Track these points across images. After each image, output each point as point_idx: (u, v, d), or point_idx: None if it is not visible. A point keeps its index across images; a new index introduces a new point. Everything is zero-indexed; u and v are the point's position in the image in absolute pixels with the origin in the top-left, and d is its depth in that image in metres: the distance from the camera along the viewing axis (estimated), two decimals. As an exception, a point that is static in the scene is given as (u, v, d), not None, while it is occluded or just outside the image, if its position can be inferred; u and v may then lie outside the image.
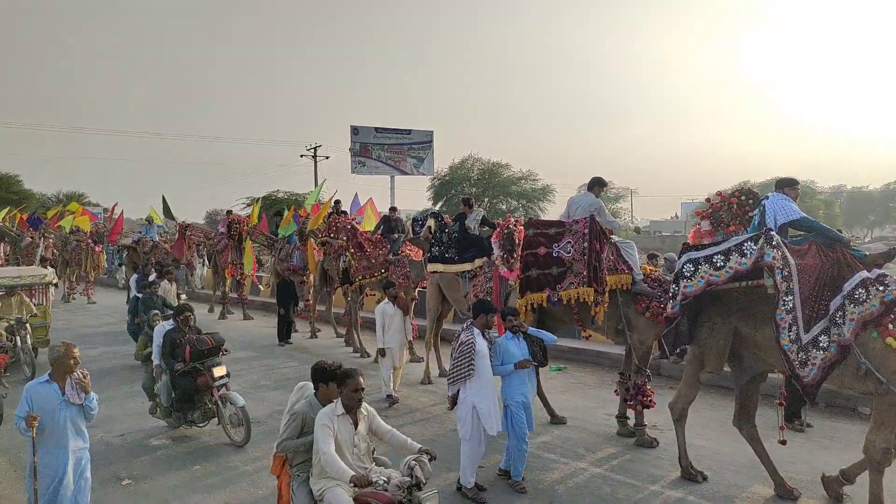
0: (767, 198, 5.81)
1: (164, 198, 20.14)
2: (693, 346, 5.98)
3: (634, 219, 57.26)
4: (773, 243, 5.09)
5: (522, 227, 7.83)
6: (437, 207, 45.51)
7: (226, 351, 7.51)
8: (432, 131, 42.19)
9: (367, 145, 40.17)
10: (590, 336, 8.35)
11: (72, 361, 4.67)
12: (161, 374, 7.37)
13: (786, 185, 5.86)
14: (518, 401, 5.88)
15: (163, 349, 7.31)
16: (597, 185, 7.76)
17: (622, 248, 7.35)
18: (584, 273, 6.96)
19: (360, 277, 11.88)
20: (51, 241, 21.31)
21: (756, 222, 5.80)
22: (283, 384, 9.81)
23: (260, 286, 20.37)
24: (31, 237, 21.79)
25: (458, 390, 5.73)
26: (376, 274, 11.58)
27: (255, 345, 12.93)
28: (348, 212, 14.83)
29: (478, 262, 9.27)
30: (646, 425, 7.16)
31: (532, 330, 6.18)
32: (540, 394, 7.88)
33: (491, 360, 5.79)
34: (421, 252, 11.22)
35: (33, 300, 11.40)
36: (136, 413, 8.24)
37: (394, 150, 40.91)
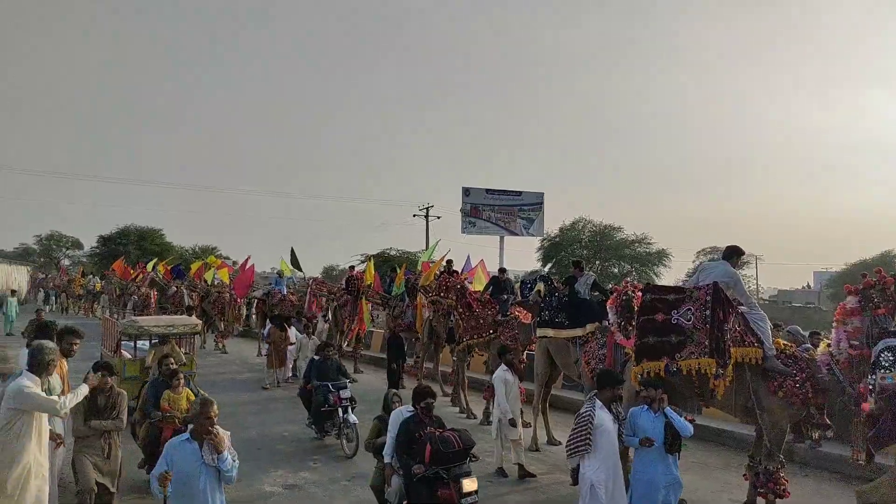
0: None
1: (292, 250, 21.25)
2: None
3: (760, 288, 53.69)
4: None
5: (640, 293, 7.53)
6: (546, 269, 45.15)
7: (474, 457, 5.78)
8: (543, 193, 42.25)
9: (478, 206, 40.82)
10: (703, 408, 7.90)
11: (208, 420, 4.36)
12: (392, 474, 5.88)
13: None
14: (643, 479, 5.52)
15: (397, 442, 5.82)
16: (735, 254, 7.19)
17: (752, 319, 6.79)
18: (706, 343, 6.49)
19: (467, 337, 11.84)
20: (195, 292, 22.45)
21: None
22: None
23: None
24: (177, 287, 23.21)
25: (579, 465, 5.43)
26: (484, 334, 11.53)
27: (366, 398, 13.13)
28: (459, 272, 15.04)
29: (589, 327, 8.99)
30: None
31: (670, 412, 5.77)
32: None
33: (622, 432, 5.51)
34: (530, 315, 11.07)
35: (182, 349, 11.26)
36: (251, 458, 8.53)
37: (504, 211, 41.26)
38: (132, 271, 28.94)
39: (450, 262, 14.56)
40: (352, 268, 20.21)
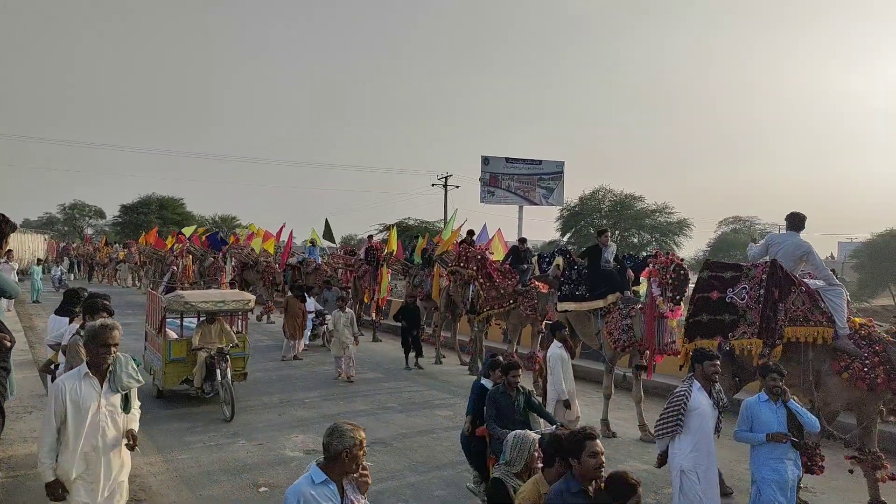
0: None
1: (326, 221, 21.44)
2: None
3: (781, 257, 52.94)
4: None
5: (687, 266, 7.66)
6: (565, 239, 44.90)
7: None
8: (563, 162, 41.74)
9: (497, 175, 40.51)
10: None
11: (361, 454, 3.12)
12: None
13: None
14: (768, 477, 5.03)
15: (487, 416, 5.65)
16: (803, 223, 6.82)
17: (825, 295, 6.40)
18: (757, 323, 6.32)
19: (487, 308, 11.85)
20: (240, 261, 21.38)
21: None
22: (408, 407, 9.98)
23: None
24: (213, 257, 22.74)
25: (667, 447, 5.11)
26: (504, 304, 11.54)
27: (383, 367, 13.31)
28: (475, 242, 15.00)
29: (611, 297, 8.96)
30: (801, 487, 6.32)
31: (793, 403, 5.27)
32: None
33: (736, 424, 5.15)
34: (548, 286, 11.07)
35: (233, 328, 10.16)
36: (273, 424, 8.72)
37: (523, 181, 40.91)
38: (169, 240, 29.03)
39: (471, 232, 14.53)
40: (370, 237, 20.27)
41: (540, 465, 4.02)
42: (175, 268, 22.97)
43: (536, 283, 11.49)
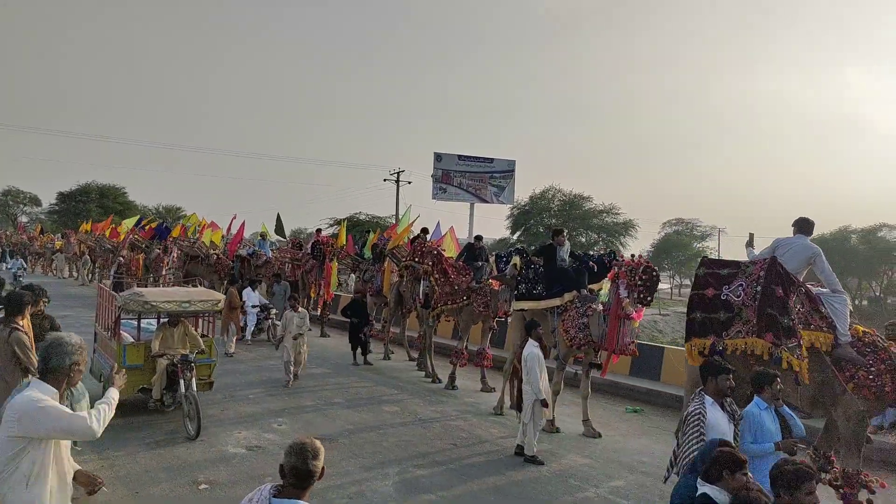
0: None
1: (278, 216, 21.12)
2: None
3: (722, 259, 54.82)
4: None
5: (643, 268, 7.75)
6: (515, 237, 45.38)
7: None
8: (514, 161, 42.22)
9: (449, 172, 40.65)
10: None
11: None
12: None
13: None
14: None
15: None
16: (811, 226, 6.65)
17: (828, 301, 6.14)
18: (754, 321, 5.97)
19: (441, 303, 11.87)
20: (174, 255, 20.61)
21: None
22: (355, 403, 9.92)
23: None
24: (159, 250, 21.83)
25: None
26: (458, 301, 11.59)
27: (330, 362, 13.18)
28: (428, 239, 15.02)
29: (567, 296, 9.04)
30: None
31: (785, 410, 5.06)
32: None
33: (740, 436, 4.68)
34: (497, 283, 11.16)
35: (198, 330, 9.16)
36: (215, 421, 8.53)
37: (475, 178, 41.17)
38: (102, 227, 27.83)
39: (424, 229, 14.54)
40: (318, 231, 20.07)
41: None
42: (122, 259, 22.22)
43: (493, 280, 11.55)
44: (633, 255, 8.72)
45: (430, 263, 12.17)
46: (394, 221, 41.23)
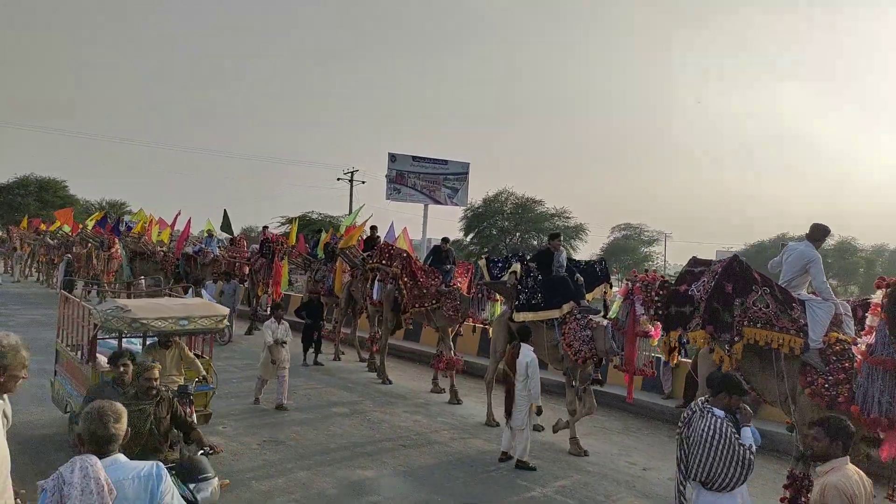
0: None
1: (225, 212, 20.60)
2: None
3: (668, 264, 56.38)
4: None
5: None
6: (468, 239, 45.62)
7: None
8: (468, 163, 42.37)
9: (404, 173, 40.53)
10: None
11: None
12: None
13: None
14: None
15: None
16: (821, 234, 6.58)
17: (810, 306, 6.07)
18: (703, 313, 6.17)
19: (410, 306, 11.48)
20: (116, 250, 20.26)
21: None
22: (304, 404, 9.81)
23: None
24: (112, 246, 21.14)
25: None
26: (427, 304, 11.26)
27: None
28: (381, 238, 14.96)
29: (566, 307, 8.66)
30: None
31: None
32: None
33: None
34: (467, 287, 10.92)
35: (192, 349, 7.71)
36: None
37: (429, 180, 41.16)
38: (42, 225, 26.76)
39: (374, 227, 14.45)
40: (265, 228, 19.77)
41: None
42: (70, 256, 21.43)
43: (458, 283, 11.25)
44: (646, 270, 8.38)
45: (399, 266, 11.77)
46: (358, 218, 40.92)
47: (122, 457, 2.81)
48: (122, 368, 5.49)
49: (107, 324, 6.46)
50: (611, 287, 9.45)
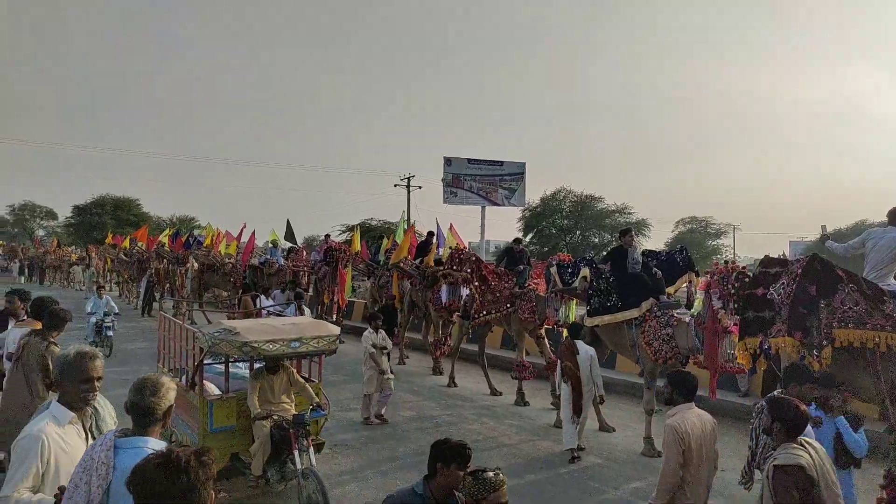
0: None
1: (288, 222, 21.17)
2: None
3: (737, 256, 54.38)
4: None
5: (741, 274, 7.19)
6: (527, 239, 45.32)
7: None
8: (524, 163, 42.16)
9: (460, 176, 40.65)
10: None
11: None
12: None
13: None
14: None
15: None
16: None
17: None
18: (788, 319, 5.90)
19: (484, 312, 11.17)
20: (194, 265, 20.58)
21: None
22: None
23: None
24: (185, 260, 21.55)
25: None
26: (501, 309, 10.90)
27: (346, 369, 13.19)
28: (432, 241, 15.06)
29: (645, 305, 8.28)
30: None
31: (842, 421, 4.81)
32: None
33: None
34: (543, 286, 10.44)
35: (300, 371, 7.23)
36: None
37: (486, 181, 41.15)
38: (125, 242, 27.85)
39: (430, 233, 14.51)
40: (327, 237, 20.13)
41: None
42: (151, 272, 22.28)
43: (533, 284, 10.77)
44: (725, 261, 8.11)
45: (469, 270, 11.46)
46: (406, 226, 41.45)
47: (152, 441, 2.69)
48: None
49: (215, 348, 5.88)
50: (697, 275, 8.86)
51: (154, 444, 2.65)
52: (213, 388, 6.55)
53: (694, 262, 9.33)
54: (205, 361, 6.40)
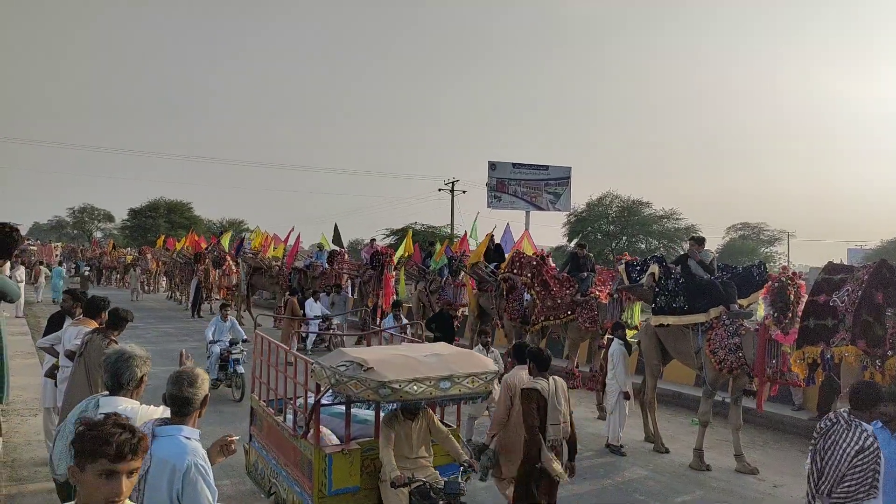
0: None
1: (335, 226, 21.51)
2: None
3: (792, 264, 52.63)
4: None
5: (802, 282, 7.06)
6: (572, 244, 44.83)
7: None
8: (570, 167, 41.76)
9: (504, 180, 40.54)
10: None
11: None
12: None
13: None
14: None
15: None
16: None
17: None
18: (852, 327, 5.73)
19: (542, 318, 10.79)
20: (237, 269, 21.14)
21: None
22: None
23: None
24: (227, 263, 22.18)
25: None
26: (561, 315, 10.58)
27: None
28: (502, 246, 14.96)
29: (713, 311, 7.90)
30: None
31: None
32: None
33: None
34: (606, 295, 10.12)
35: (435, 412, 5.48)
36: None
37: (530, 186, 40.91)
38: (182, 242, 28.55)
39: (491, 236, 14.44)
40: (372, 241, 20.29)
41: None
42: (198, 274, 22.60)
43: (597, 291, 10.42)
44: (784, 269, 8.01)
45: (530, 275, 11.14)
46: (449, 231, 41.57)
47: (187, 429, 2.82)
48: None
49: (340, 387, 4.30)
50: None
51: (188, 431, 2.85)
52: (331, 437, 4.98)
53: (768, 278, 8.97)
54: (327, 403, 5.00)
